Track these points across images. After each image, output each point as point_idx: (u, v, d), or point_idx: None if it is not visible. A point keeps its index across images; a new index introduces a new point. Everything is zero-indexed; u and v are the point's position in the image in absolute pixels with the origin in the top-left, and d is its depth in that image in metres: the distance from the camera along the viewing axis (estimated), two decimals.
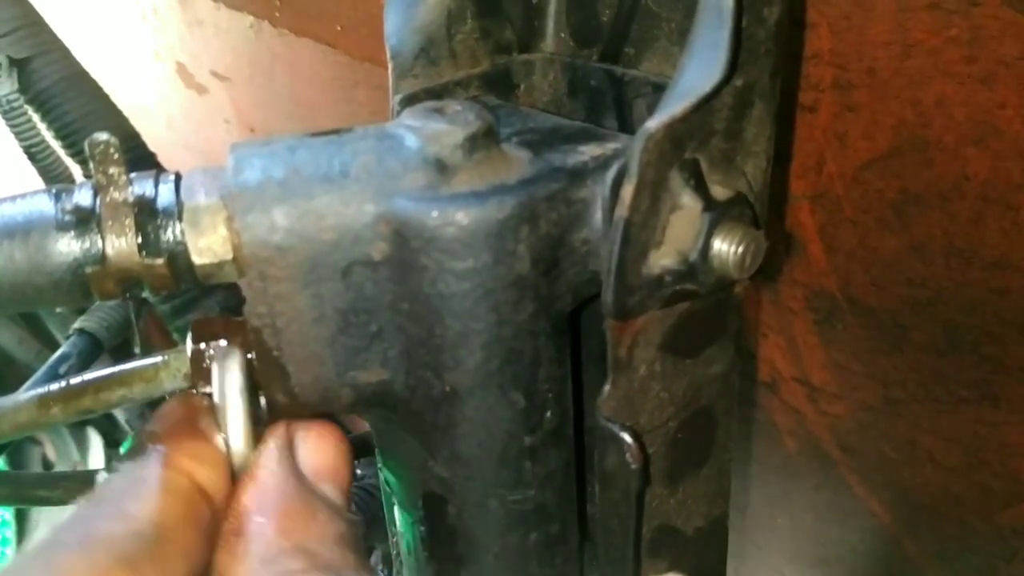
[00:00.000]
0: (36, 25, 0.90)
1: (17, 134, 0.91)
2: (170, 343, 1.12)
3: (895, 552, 0.50)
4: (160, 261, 0.32)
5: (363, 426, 0.71)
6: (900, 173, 0.40)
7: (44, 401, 0.34)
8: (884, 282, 0.43)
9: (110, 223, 0.32)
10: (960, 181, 0.38)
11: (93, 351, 0.95)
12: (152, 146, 1.01)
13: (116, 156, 0.32)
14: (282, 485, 0.32)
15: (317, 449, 0.35)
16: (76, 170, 1.00)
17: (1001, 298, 0.39)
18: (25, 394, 0.34)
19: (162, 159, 1.04)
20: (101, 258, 0.32)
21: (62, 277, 0.32)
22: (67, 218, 0.32)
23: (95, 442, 1.53)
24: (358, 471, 0.76)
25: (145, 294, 0.34)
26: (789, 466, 0.55)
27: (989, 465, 0.43)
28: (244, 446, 0.33)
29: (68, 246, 0.32)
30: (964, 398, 0.43)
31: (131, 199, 0.32)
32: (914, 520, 0.49)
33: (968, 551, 0.46)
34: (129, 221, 0.32)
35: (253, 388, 0.34)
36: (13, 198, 0.33)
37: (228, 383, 0.33)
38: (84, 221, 0.32)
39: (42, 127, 0.91)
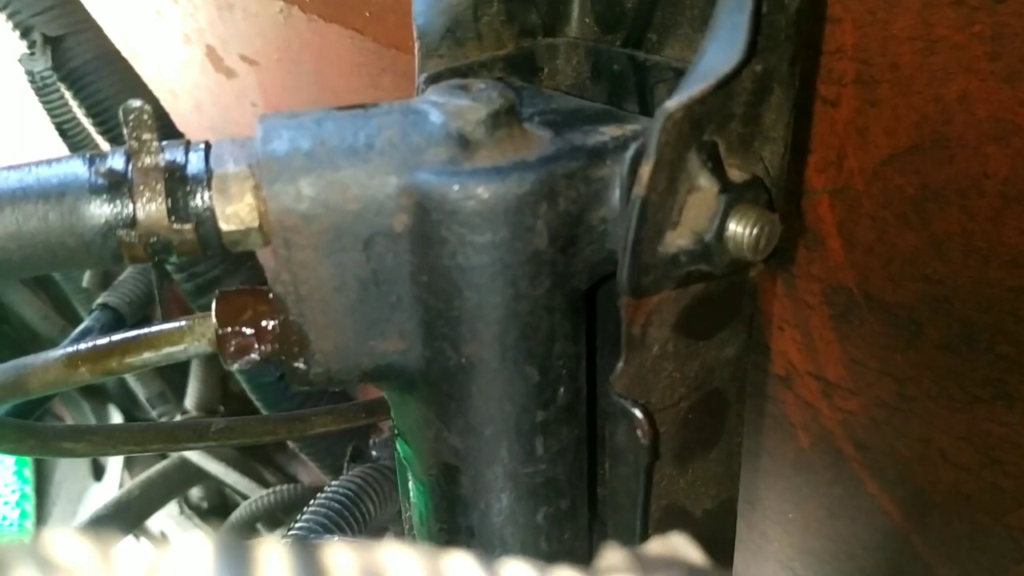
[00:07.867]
0: (70, 4, 0.92)
1: (49, 110, 0.92)
2: None
3: (905, 550, 0.50)
4: (188, 226, 0.33)
5: (375, 394, 0.71)
6: (920, 169, 0.40)
7: (72, 360, 0.35)
8: (901, 278, 0.43)
9: (141, 188, 0.33)
10: (980, 179, 0.38)
11: (115, 325, 0.96)
12: (179, 128, 1.02)
13: (149, 122, 0.33)
14: None
15: None
16: (106, 148, 1.01)
17: (1018, 296, 0.39)
18: (54, 352, 0.35)
19: None
20: (132, 222, 0.33)
21: (93, 239, 0.33)
22: (100, 181, 0.33)
23: (116, 418, 1.55)
24: (373, 452, 0.77)
25: (172, 260, 0.35)
26: (802, 461, 0.55)
27: (1002, 465, 0.43)
28: None
29: (100, 209, 0.33)
30: (978, 397, 0.42)
31: (162, 165, 0.33)
32: (925, 518, 0.49)
33: (978, 550, 0.46)
34: (160, 186, 0.33)
35: None
36: (48, 161, 0.34)
37: None
38: (116, 185, 0.33)
39: (74, 104, 0.93)
